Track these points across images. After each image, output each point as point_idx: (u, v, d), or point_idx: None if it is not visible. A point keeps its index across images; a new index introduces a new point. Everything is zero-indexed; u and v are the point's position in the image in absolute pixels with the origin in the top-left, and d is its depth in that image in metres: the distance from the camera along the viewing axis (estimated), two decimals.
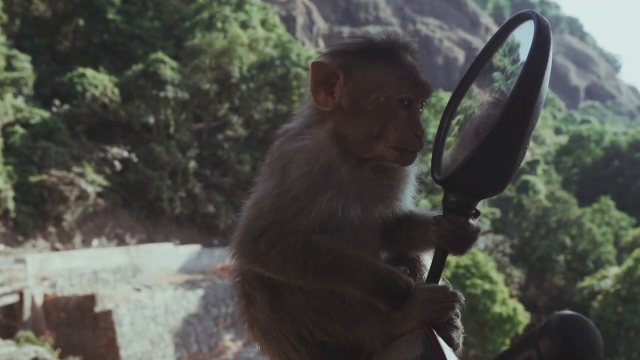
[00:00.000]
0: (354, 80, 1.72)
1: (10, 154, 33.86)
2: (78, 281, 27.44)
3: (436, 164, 1.71)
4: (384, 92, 1.69)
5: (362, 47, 1.74)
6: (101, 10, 45.23)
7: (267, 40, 50.83)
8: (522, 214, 49.17)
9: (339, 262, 1.60)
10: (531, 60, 1.49)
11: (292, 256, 1.61)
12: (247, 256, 1.67)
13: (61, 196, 34.21)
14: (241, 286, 1.77)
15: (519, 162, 1.56)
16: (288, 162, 1.68)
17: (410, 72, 1.72)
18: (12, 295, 23.40)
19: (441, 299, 1.58)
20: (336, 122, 1.74)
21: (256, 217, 1.66)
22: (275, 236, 1.63)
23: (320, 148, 1.70)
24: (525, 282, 45.19)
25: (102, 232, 37.46)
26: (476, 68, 1.73)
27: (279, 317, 1.67)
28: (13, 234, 32.68)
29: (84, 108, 39.62)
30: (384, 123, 1.69)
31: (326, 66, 1.73)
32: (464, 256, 1.82)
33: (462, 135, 1.70)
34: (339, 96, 1.73)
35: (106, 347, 24.97)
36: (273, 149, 1.79)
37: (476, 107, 1.69)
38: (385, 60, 1.72)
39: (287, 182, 1.66)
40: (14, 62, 35.99)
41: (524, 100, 1.49)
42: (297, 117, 1.86)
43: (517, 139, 1.52)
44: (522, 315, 33.94)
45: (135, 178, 40.11)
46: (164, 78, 41.51)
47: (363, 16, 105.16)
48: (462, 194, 1.62)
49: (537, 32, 1.51)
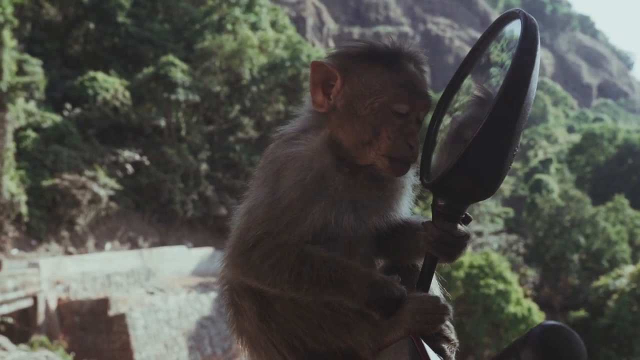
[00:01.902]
0: (351, 82, 1.70)
1: (22, 159, 33.99)
2: (91, 285, 27.45)
3: (425, 168, 1.68)
4: (378, 98, 1.66)
5: (363, 51, 1.72)
6: (111, 13, 45.38)
7: (278, 41, 50.78)
8: (535, 213, 49.07)
9: (334, 273, 1.58)
10: (517, 60, 1.45)
11: (285, 268, 1.58)
12: (240, 268, 1.64)
13: (74, 200, 34.32)
14: (229, 295, 1.74)
15: (508, 165, 1.52)
16: (281, 168, 1.66)
17: (410, 80, 1.68)
18: (26, 300, 23.41)
19: (430, 309, 1.57)
20: (332, 126, 1.71)
21: (248, 227, 1.63)
22: (268, 247, 1.60)
23: (314, 155, 1.67)
24: (540, 282, 45.06)
25: (115, 235, 37.55)
26: (465, 68, 1.70)
27: (268, 327, 1.65)
28: (26, 238, 32.80)
29: (95, 111, 39.75)
30: (377, 129, 1.65)
31: (325, 66, 1.72)
32: (454, 261, 1.68)
33: (451, 137, 1.67)
34: (335, 98, 1.71)
35: (120, 351, 24.95)
36: (267, 152, 1.77)
37: (465, 108, 1.66)
38: (384, 65, 1.69)
39: (279, 190, 1.63)
40: (26, 66, 36.13)
41: (511, 101, 1.46)
42: (295, 120, 1.83)
43: (505, 141, 1.49)
44: (536, 315, 33.75)
45: (147, 181, 40.20)
46: (175, 81, 41.60)
47: (373, 16, 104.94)
48: (450, 199, 1.59)
49: (524, 31, 1.47)
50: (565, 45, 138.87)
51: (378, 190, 1.76)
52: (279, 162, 1.68)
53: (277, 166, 1.68)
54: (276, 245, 1.59)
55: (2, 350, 8.23)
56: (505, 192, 60.68)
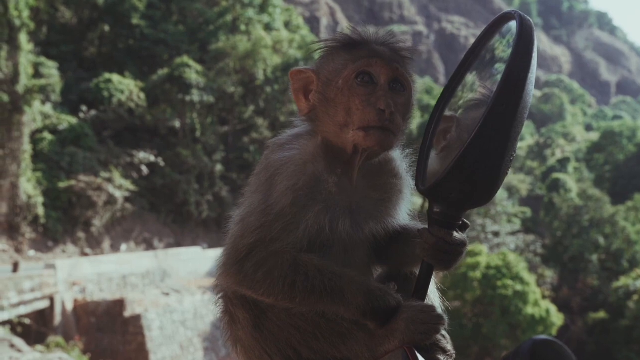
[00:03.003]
0: (321, 77, 1.72)
1: (39, 161, 34.26)
2: (107, 286, 27.54)
3: (421, 173, 1.65)
4: (340, 75, 1.67)
5: (333, 45, 1.74)
6: (126, 16, 45.65)
7: (291, 41, 50.70)
8: (553, 213, 48.83)
9: (329, 282, 1.55)
10: (512, 63, 1.43)
11: (279, 278, 1.56)
12: (233, 277, 1.62)
13: (89, 201, 34.51)
14: (224, 303, 1.74)
15: (505, 170, 1.50)
16: (274, 173, 1.65)
17: (371, 50, 1.67)
18: (43, 301, 23.54)
19: (425, 320, 1.54)
20: (317, 126, 1.72)
21: (241, 235, 1.61)
22: (261, 256, 1.58)
23: (307, 159, 1.65)
24: (558, 283, 44.73)
25: (130, 236, 37.69)
26: (462, 71, 1.67)
27: (262, 336, 1.63)
28: (43, 240, 33.03)
29: (110, 113, 39.98)
30: (347, 106, 1.65)
31: (300, 72, 1.75)
32: (451, 270, 1.65)
33: (448, 141, 1.64)
34: (312, 97, 1.73)
35: (136, 352, 25.01)
36: (262, 158, 1.76)
37: (462, 112, 1.64)
38: (348, 49, 1.70)
39: (272, 197, 1.61)
40: (42, 69, 36.46)
41: (507, 104, 1.43)
42: (289, 129, 1.84)
43: (501, 145, 1.46)
44: (555, 317, 33.51)
45: (162, 182, 40.33)
46: (189, 82, 41.72)
47: (387, 15, 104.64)
48: (446, 205, 1.56)
49: (519, 33, 1.45)
50: (583, 42, 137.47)
51: (374, 191, 1.74)
52: (273, 167, 1.67)
53: (270, 172, 1.66)
54: (269, 253, 1.57)
55: (18, 352, 8.22)
56: (522, 192, 60.33)
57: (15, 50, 31.46)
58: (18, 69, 31.55)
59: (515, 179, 61.82)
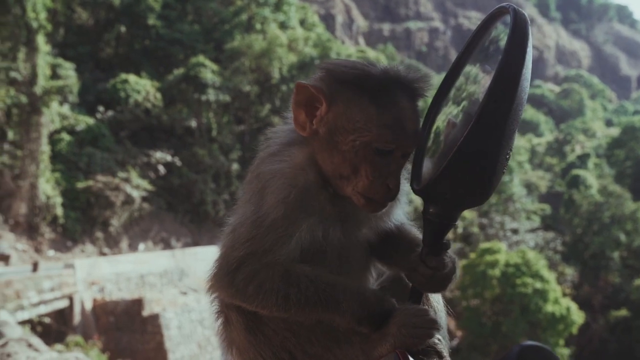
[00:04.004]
0: (335, 112, 1.61)
1: (57, 161, 34.59)
2: (126, 285, 27.73)
3: (416, 173, 1.63)
4: (360, 136, 1.57)
5: (353, 78, 1.60)
6: (142, 16, 45.89)
7: (307, 39, 50.61)
8: (573, 209, 48.47)
9: (323, 292, 1.53)
10: (506, 59, 1.40)
11: (271, 291, 1.53)
12: (225, 290, 1.59)
13: (107, 201, 34.78)
14: (218, 304, 1.72)
15: (500, 169, 1.47)
16: (265, 185, 1.61)
17: (397, 120, 1.57)
18: (62, 300, 23.77)
19: (418, 323, 1.51)
20: (313, 148, 1.65)
21: (232, 247, 1.59)
22: (252, 268, 1.55)
23: (298, 172, 1.61)
24: (579, 280, 44.33)
25: (148, 236, 37.91)
26: (458, 67, 1.64)
27: (255, 339, 1.62)
28: (62, 240, 33.35)
29: (127, 114, 40.25)
30: (356, 167, 1.59)
31: (310, 90, 1.63)
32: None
33: (443, 140, 1.60)
34: (318, 124, 1.63)
35: (154, 351, 25.14)
36: (253, 166, 1.72)
37: (457, 109, 1.59)
38: (372, 98, 1.58)
39: (263, 208, 1.58)
40: (59, 70, 36.76)
41: (500, 101, 1.40)
42: (281, 131, 1.77)
43: (495, 143, 1.43)
44: (576, 315, 33.26)
45: (179, 182, 40.52)
46: (205, 81, 41.84)
47: (403, 12, 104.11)
48: (441, 206, 1.54)
49: (513, 27, 1.41)
50: (602, 36, 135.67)
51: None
52: (263, 178, 1.63)
53: (261, 182, 1.63)
54: (260, 266, 1.54)
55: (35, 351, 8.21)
56: (541, 189, 59.86)
57: (32, 52, 31.78)
58: (36, 70, 31.87)
59: (534, 176, 61.28)
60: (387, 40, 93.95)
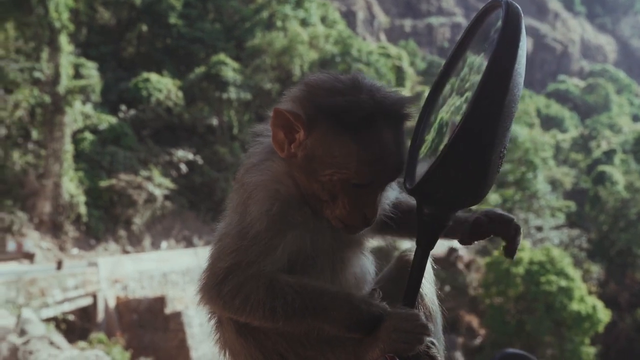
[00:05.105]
0: (313, 140, 1.55)
1: (80, 160, 34.99)
2: (148, 283, 27.92)
3: (410, 172, 1.58)
4: (339, 171, 1.53)
5: (334, 108, 1.53)
6: (163, 15, 46.21)
7: (328, 37, 50.46)
8: (599, 206, 47.90)
9: (310, 303, 1.51)
10: (496, 53, 1.36)
11: (257, 303, 1.51)
12: (213, 302, 1.57)
13: (130, 200, 35.08)
14: None
15: (494, 168, 1.43)
16: (248, 196, 1.59)
17: (379, 154, 1.52)
18: (86, 298, 24.04)
19: (408, 328, 1.48)
20: (293, 167, 1.60)
21: (218, 257, 1.57)
22: (237, 280, 1.53)
23: (279, 186, 1.59)
24: (605, 278, 43.69)
25: (170, 234, 38.16)
26: (451, 64, 1.61)
27: (247, 342, 1.60)
28: (86, 238, 33.73)
29: (149, 112, 40.54)
30: (334, 196, 1.56)
31: (288, 116, 1.58)
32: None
33: (435, 139, 1.57)
34: (296, 148, 1.58)
35: (177, 348, 25.28)
36: (239, 174, 1.69)
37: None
38: (353, 134, 1.51)
39: (247, 219, 1.56)
40: (82, 70, 37.19)
41: (491, 97, 1.36)
42: (264, 140, 1.72)
43: (487, 141, 1.39)
44: (602, 313, 32.82)
45: (201, 180, 40.71)
46: (226, 79, 41.99)
47: (425, 8, 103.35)
48: (434, 206, 1.51)
49: (504, 21, 1.38)
50: (629, 30, 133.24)
51: None
52: (247, 189, 1.61)
53: (246, 192, 1.60)
54: (245, 278, 1.52)
55: (56, 349, 8.35)
56: (566, 185, 59.13)
57: (55, 51, 32.17)
58: (59, 70, 32.26)
59: (559, 172, 60.50)
60: (409, 36, 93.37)
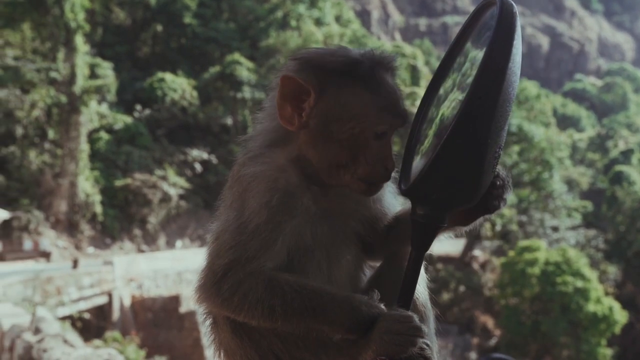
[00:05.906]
0: (327, 102, 1.57)
1: (96, 159, 35.23)
2: (163, 282, 28.04)
3: (405, 173, 1.58)
4: (360, 122, 1.55)
5: (340, 65, 1.57)
6: (178, 15, 46.43)
7: (342, 36, 50.46)
8: (616, 206, 47.50)
9: (309, 303, 1.49)
10: (490, 52, 1.35)
11: (256, 302, 1.49)
12: (212, 300, 1.54)
13: (145, 199, 35.26)
14: None
15: (489, 168, 1.42)
16: (246, 188, 1.57)
17: (391, 101, 1.58)
18: (101, 297, 24.20)
19: (401, 330, 1.46)
20: (301, 143, 1.61)
21: (217, 255, 1.54)
22: (236, 278, 1.50)
23: (279, 174, 1.58)
24: (622, 279, 43.23)
25: (185, 233, 38.31)
26: (447, 63, 1.60)
27: (241, 342, 1.58)
28: (101, 237, 33.96)
29: (164, 112, 40.75)
30: (355, 154, 1.57)
31: (297, 81, 1.57)
32: None
33: (431, 138, 1.56)
34: (307, 116, 1.58)
35: (192, 347, 25.35)
36: (234, 170, 1.66)
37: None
38: (364, 84, 1.57)
39: (245, 214, 1.54)
40: (98, 70, 37.45)
41: (485, 96, 1.35)
42: (259, 132, 1.70)
43: (481, 140, 1.38)
44: (619, 314, 32.55)
45: (216, 179, 40.82)
46: (241, 79, 42.10)
47: (440, 6, 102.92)
48: (429, 207, 1.49)
49: (498, 19, 1.37)
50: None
51: (352, 203, 1.68)
52: (244, 182, 1.58)
53: (242, 186, 1.58)
54: (245, 275, 1.50)
55: (70, 347, 8.34)
56: (583, 185, 58.60)
57: (71, 52, 32.43)
58: (75, 70, 32.52)
59: (575, 172, 59.98)
60: (424, 35, 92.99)
